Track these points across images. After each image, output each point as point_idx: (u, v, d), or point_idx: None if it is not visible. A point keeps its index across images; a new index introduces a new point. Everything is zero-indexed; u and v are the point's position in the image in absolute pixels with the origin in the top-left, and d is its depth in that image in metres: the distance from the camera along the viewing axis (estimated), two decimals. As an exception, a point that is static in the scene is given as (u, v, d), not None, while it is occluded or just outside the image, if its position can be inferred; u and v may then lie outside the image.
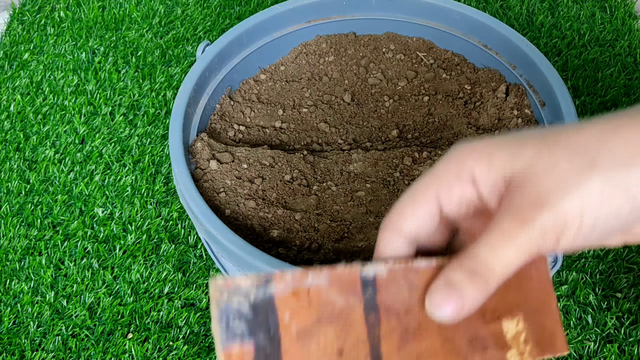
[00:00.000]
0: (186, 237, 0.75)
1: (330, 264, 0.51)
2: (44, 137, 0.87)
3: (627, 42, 0.97)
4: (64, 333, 0.68)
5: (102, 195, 0.80)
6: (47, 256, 0.74)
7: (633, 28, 0.99)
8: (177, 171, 0.55)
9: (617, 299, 0.69)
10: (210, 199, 0.56)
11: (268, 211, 0.55)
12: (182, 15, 1.05)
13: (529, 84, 0.63)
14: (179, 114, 0.59)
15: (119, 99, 0.91)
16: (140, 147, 0.85)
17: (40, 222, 0.77)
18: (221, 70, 0.67)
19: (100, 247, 0.74)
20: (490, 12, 1.03)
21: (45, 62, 0.98)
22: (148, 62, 0.97)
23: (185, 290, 0.71)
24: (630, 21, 1.00)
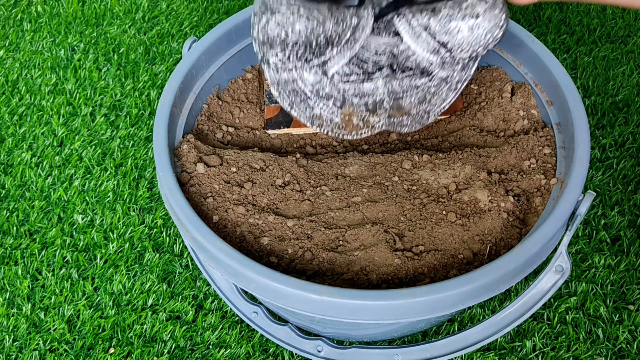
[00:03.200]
0: (171, 245, 0.76)
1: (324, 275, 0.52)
2: (20, 140, 0.87)
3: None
4: (42, 348, 0.68)
5: (82, 201, 0.80)
6: (24, 266, 0.74)
7: (646, 24, 1.01)
8: (162, 175, 0.55)
9: (630, 312, 0.69)
10: (197, 205, 0.56)
11: (258, 217, 0.56)
12: (167, 9, 1.06)
13: (535, 83, 0.64)
14: (163, 114, 0.60)
15: (100, 99, 0.92)
16: (123, 150, 0.85)
17: (16, 229, 0.78)
18: (209, 68, 0.67)
19: (80, 256, 0.75)
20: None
21: (21, 59, 0.98)
22: (131, 60, 0.98)
23: (170, 302, 0.71)
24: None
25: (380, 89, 0.55)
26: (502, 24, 0.53)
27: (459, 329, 0.68)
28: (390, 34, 0.56)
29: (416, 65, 0.55)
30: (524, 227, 0.55)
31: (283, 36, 0.50)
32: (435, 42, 0.54)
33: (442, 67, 0.56)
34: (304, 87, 0.55)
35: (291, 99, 0.56)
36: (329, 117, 0.56)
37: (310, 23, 0.50)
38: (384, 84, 0.55)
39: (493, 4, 0.52)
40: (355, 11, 0.53)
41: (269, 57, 0.53)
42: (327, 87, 0.56)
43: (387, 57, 0.56)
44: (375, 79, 0.55)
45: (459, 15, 0.52)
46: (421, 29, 0.53)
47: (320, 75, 0.54)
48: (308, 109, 0.56)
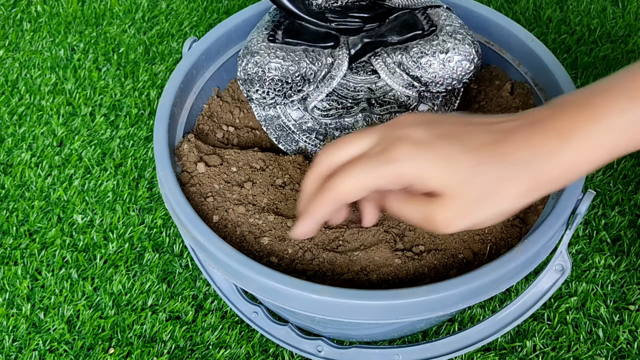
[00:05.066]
0: (171, 245, 0.76)
1: (325, 275, 0.52)
2: (20, 139, 0.87)
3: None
4: (41, 348, 0.68)
5: (81, 201, 0.80)
6: (23, 266, 0.74)
7: (647, 23, 1.01)
8: (162, 174, 0.56)
9: (630, 312, 0.70)
10: (197, 205, 0.57)
11: (258, 217, 0.56)
12: (167, 9, 1.06)
13: (534, 82, 0.64)
14: (164, 114, 0.60)
15: (100, 99, 0.92)
16: (122, 150, 0.86)
17: (16, 229, 0.78)
18: (209, 68, 0.67)
19: (79, 257, 0.75)
20: (495, 6, 1.04)
21: (21, 59, 0.98)
22: (131, 60, 0.98)
23: (170, 302, 0.71)
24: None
25: (360, 123, 0.61)
26: (473, 58, 0.59)
27: (459, 328, 0.68)
28: (368, 72, 0.63)
29: (395, 100, 0.62)
30: (524, 226, 0.55)
31: (260, 73, 0.58)
32: (409, 77, 0.60)
33: (421, 102, 0.62)
34: (287, 122, 0.62)
35: (278, 133, 0.63)
36: (312, 149, 0.63)
37: (286, 62, 0.58)
38: (363, 118, 0.61)
39: (463, 40, 0.58)
40: (330, 52, 0.60)
41: (251, 94, 0.60)
42: (310, 122, 0.62)
43: (365, 92, 0.62)
44: (354, 113, 0.61)
45: (429, 51, 0.58)
46: (395, 66, 0.60)
47: (302, 111, 0.62)
48: (293, 142, 0.63)
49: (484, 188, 0.38)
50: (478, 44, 0.59)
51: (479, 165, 0.38)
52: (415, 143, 0.39)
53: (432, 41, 0.59)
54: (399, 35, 0.61)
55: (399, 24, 0.62)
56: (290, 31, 0.61)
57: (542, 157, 0.38)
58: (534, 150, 0.38)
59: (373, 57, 0.61)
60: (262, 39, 0.60)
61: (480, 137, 0.39)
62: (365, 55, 0.62)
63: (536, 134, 0.38)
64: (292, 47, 0.59)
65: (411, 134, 0.40)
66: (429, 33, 0.60)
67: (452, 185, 0.39)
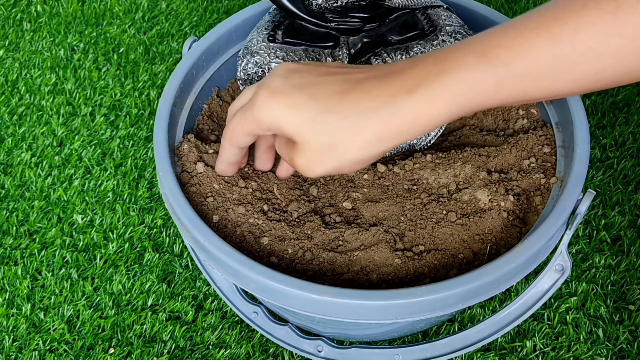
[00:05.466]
0: (171, 245, 0.76)
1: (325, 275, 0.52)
2: (20, 139, 0.87)
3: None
4: (41, 348, 0.68)
5: (81, 201, 0.80)
6: (23, 266, 0.74)
7: (647, 23, 1.01)
8: (162, 174, 0.56)
9: (630, 312, 0.70)
10: (197, 205, 0.57)
11: (258, 217, 0.56)
12: (167, 9, 1.06)
13: (534, 83, 0.64)
14: (163, 114, 0.60)
15: (100, 99, 0.92)
16: (122, 150, 0.86)
17: (16, 229, 0.78)
18: (209, 68, 0.67)
19: (79, 257, 0.75)
20: (495, 6, 1.04)
21: (21, 59, 0.98)
22: (130, 60, 0.98)
23: (170, 302, 0.71)
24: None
25: None
26: None
27: (460, 328, 0.69)
28: None
29: None
30: (524, 226, 0.55)
31: (260, 73, 0.58)
32: None
33: None
34: None
35: None
36: None
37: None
38: None
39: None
40: (330, 52, 0.60)
41: None
42: None
43: None
44: None
45: (430, 51, 0.56)
46: None
47: None
48: None
49: (330, 136, 0.41)
50: None
51: (323, 113, 0.40)
52: (272, 91, 0.42)
53: (432, 41, 0.59)
54: (399, 35, 0.61)
55: (399, 24, 0.62)
56: (290, 31, 0.61)
57: (389, 107, 0.39)
58: (381, 100, 0.40)
59: (373, 57, 0.61)
60: (262, 39, 0.60)
61: (332, 87, 0.41)
62: (365, 55, 0.62)
63: (386, 85, 0.40)
64: (292, 47, 0.59)
65: (270, 83, 0.43)
66: (429, 33, 0.60)
67: (301, 132, 0.41)
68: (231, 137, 0.48)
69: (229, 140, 0.49)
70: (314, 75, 0.43)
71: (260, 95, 0.43)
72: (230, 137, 0.48)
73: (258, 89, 0.44)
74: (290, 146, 0.44)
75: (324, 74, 0.43)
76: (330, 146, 0.41)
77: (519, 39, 0.37)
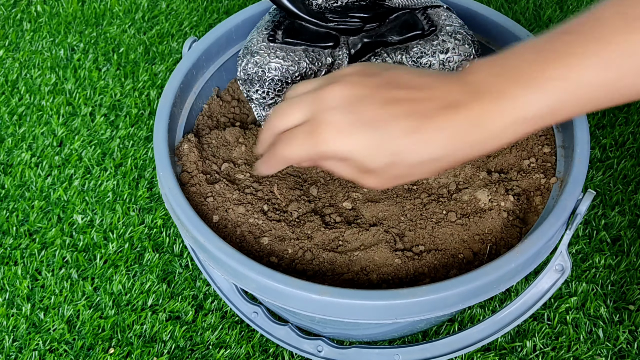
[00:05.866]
0: (171, 245, 0.76)
1: (325, 275, 0.52)
2: (20, 140, 0.87)
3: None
4: (41, 348, 0.68)
5: (81, 201, 0.80)
6: (23, 266, 0.74)
7: (647, 23, 1.01)
8: (162, 174, 0.56)
9: (630, 312, 0.70)
10: (197, 205, 0.57)
11: (258, 217, 0.56)
12: (167, 9, 1.06)
13: (534, 83, 0.64)
14: (164, 114, 0.60)
15: (100, 99, 0.92)
16: (122, 150, 0.86)
17: (16, 229, 0.78)
18: (209, 68, 0.67)
19: (79, 257, 0.75)
20: (495, 6, 1.04)
21: (21, 59, 0.98)
22: (130, 60, 0.98)
23: (170, 302, 0.71)
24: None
25: None
26: (472, 58, 0.59)
27: (459, 328, 0.69)
28: None
29: None
30: (524, 226, 0.55)
31: (260, 73, 0.58)
32: None
33: None
34: None
35: None
36: None
37: (286, 62, 0.58)
38: None
39: (463, 40, 0.59)
40: (330, 52, 0.60)
41: (251, 94, 0.60)
42: None
43: None
44: None
45: (429, 52, 0.58)
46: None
47: None
48: None
49: (405, 169, 0.43)
50: (478, 44, 0.59)
51: (397, 154, 0.42)
52: (338, 130, 0.43)
53: (432, 41, 0.59)
54: (399, 35, 0.61)
55: (399, 24, 0.62)
56: (290, 31, 0.61)
57: (459, 145, 0.42)
58: (451, 139, 0.42)
59: (373, 57, 0.61)
60: (262, 39, 0.60)
61: (402, 123, 0.42)
62: (365, 55, 0.62)
63: (454, 121, 0.42)
64: (292, 47, 0.59)
65: (334, 121, 0.43)
66: (429, 33, 0.60)
67: (375, 163, 0.43)
68: (284, 157, 0.47)
69: (282, 159, 0.47)
70: (379, 105, 0.43)
71: (326, 132, 0.43)
72: (283, 157, 0.47)
73: (319, 124, 0.44)
74: (354, 166, 0.44)
75: (389, 103, 0.43)
76: (405, 176, 0.44)
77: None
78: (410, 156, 0.42)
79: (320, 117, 0.44)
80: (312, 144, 0.44)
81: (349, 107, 0.44)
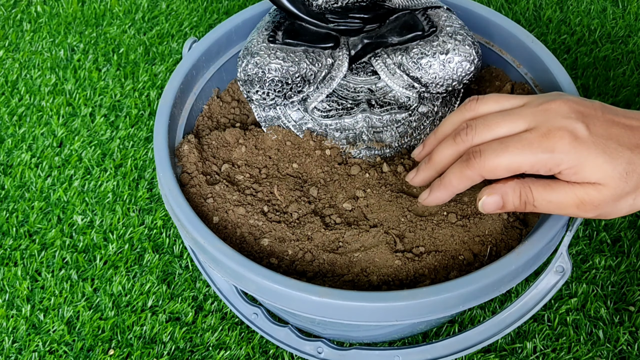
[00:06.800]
0: (171, 246, 0.76)
1: (325, 277, 0.52)
2: (20, 140, 0.87)
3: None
4: (41, 349, 0.68)
5: (81, 202, 0.80)
6: (23, 267, 0.74)
7: (647, 24, 1.01)
8: (162, 175, 0.55)
9: (630, 313, 0.69)
10: (197, 206, 0.56)
11: (258, 218, 0.56)
12: (167, 10, 1.06)
13: (534, 83, 0.64)
14: (163, 114, 0.60)
15: (100, 99, 0.92)
16: (122, 151, 0.85)
17: (16, 230, 0.78)
18: (209, 68, 0.67)
19: (79, 257, 0.75)
20: (495, 7, 1.04)
21: (21, 60, 0.98)
22: (131, 60, 0.98)
23: (170, 304, 0.71)
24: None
25: (360, 123, 0.61)
26: (473, 59, 0.60)
27: (460, 330, 0.68)
28: (368, 73, 0.63)
29: (395, 101, 0.62)
30: (525, 227, 0.55)
31: (260, 74, 0.58)
32: (409, 78, 0.60)
33: (421, 103, 0.62)
34: (288, 123, 0.62)
35: None
36: None
37: (286, 63, 0.57)
38: (364, 119, 0.60)
39: (463, 41, 0.59)
40: (330, 52, 0.60)
41: (252, 95, 0.59)
42: (310, 123, 0.62)
43: (366, 93, 0.62)
44: (354, 114, 0.60)
45: (430, 52, 0.58)
46: (395, 67, 0.60)
47: (302, 112, 0.61)
48: None
49: (635, 182, 0.44)
50: (478, 44, 0.59)
51: (633, 163, 0.43)
52: (576, 138, 0.44)
53: (432, 42, 0.58)
54: (399, 36, 0.61)
55: (399, 24, 0.62)
56: (290, 32, 0.61)
57: None
58: None
59: (373, 58, 0.61)
60: (262, 39, 0.60)
61: (630, 139, 0.44)
62: (365, 56, 0.62)
63: None
64: (292, 48, 0.59)
65: (571, 128, 0.44)
66: (429, 34, 0.60)
67: (610, 176, 0.44)
68: (490, 169, 0.46)
69: (485, 171, 0.46)
70: (607, 125, 0.45)
71: (563, 140, 0.44)
72: (490, 169, 0.46)
73: (553, 130, 0.44)
74: (578, 186, 0.45)
75: (612, 124, 0.45)
76: (633, 190, 0.44)
77: None
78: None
79: (552, 124, 0.45)
80: (545, 149, 0.44)
81: (582, 119, 0.45)
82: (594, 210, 0.45)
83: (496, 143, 0.46)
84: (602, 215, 0.46)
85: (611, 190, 0.44)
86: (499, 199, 0.47)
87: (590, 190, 0.44)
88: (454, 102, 0.63)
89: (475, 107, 0.50)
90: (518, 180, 0.47)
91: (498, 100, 0.49)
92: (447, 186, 0.50)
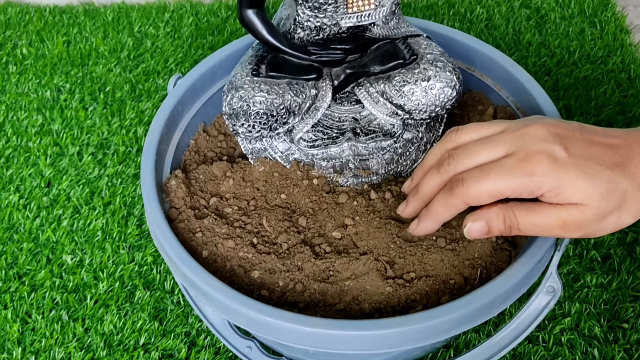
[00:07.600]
0: (162, 282, 0.75)
1: (317, 307, 0.52)
2: (7, 182, 0.87)
3: (620, 57, 0.99)
4: (32, 393, 0.67)
5: (70, 241, 0.80)
6: (13, 309, 0.73)
7: (625, 43, 1.02)
8: (150, 212, 0.55)
9: (625, 330, 0.69)
10: (185, 240, 0.56)
11: (248, 251, 0.56)
12: (152, 47, 1.07)
13: (516, 106, 0.64)
14: (150, 150, 0.60)
15: (87, 138, 0.92)
16: (111, 188, 0.85)
17: (5, 272, 0.77)
18: (194, 104, 0.68)
19: (69, 297, 0.74)
20: (475, 33, 1.05)
21: (7, 102, 0.98)
22: (117, 98, 0.98)
23: (162, 340, 0.70)
24: (621, 36, 1.03)
25: (346, 152, 0.61)
26: (454, 84, 0.60)
27: (455, 354, 0.68)
28: (352, 102, 0.63)
29: (380, 129, 0.62)
30: (514, 249, 0.55)
31: (245, 107, 0.58)
32: (392, 106, 0.60)
33: (405, 129, 0.62)
34: (274, 155, 0.62)
35: None
36: None
37: (270, 96, 0.58)
38: (349, 147, 0.61)
39: (444, 67, 0.59)
40: (314, 84, 0.61)
41: (237, 128, 0.59)
42: (296, 153, 0.62)
43: (350, 122, 0.62)
44: (340, 143, 0.61)
45: (412, 80, 0.59)
46: (378, 95, 0.61)
47: (288, 143, 0.62)
48: None
49: (617, 200, 0.44)
50: (459, 70, 0.60)
51: (614, 182, 0.44)
52: (555, 160, 0.44)
53: (413, 70, 0.59)
54: (381, 65, 0.61)
55: (381, 53, 0.62)
56: (273, 65, 0.61)
57: None
58: None
59: (356, 88, 0.62)
60: (246, 73, 0.60)
61: (610, 158, 0.45)
62: (348, 86, 0.62)
63: None
64: (276, 81, 0.59)
65: (549, 151, 0.44)
66: (410, 62, 0.61)
67: (592, 196, 0.44)
68: (473, 196, 0.47)
69: (468, 198, 0.47)
70: (585, 145, 0.45)
71: (542, 163, 0.44)
72: (473, 196, 0.47)
73: (531, 154, 0.45)
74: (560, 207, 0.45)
75: (591, 144, 0.45)
76: (615, 209, 0.44)
77: None
78: (622, 190, 0.44)
79: (531, 148, 0.45)
80: (525, 173, 0.45)
81: (560, 141, 0.45)
82: (578, 231, 0.45)
83: (477, 170, 0.46)
84: (587, 234, 0.46)
85: (593, 210, 0.44)
86: (483, 224, 0.48)
87: (573, 211, 0.44)
88: (437, 127, 0.64)
89: (455, 138, 0.51)
90: (502, 205, 0.47)
91: (477, 129, 0.50)
92: (434, 215, 0.50)
